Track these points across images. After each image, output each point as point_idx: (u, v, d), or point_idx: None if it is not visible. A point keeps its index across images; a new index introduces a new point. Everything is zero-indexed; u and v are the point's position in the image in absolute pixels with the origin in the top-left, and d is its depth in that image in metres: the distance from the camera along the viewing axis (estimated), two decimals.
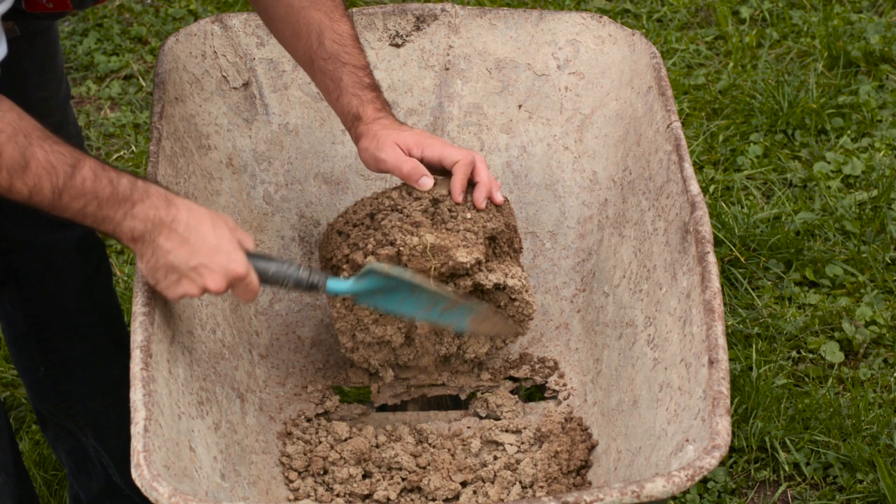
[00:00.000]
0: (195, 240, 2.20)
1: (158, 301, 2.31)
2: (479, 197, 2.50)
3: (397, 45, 2.91)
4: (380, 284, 2.40)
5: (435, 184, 2.50)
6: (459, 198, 2.49)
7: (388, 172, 2.48)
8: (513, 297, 2.56)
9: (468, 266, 2.47)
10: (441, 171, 2.52)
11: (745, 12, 4.67)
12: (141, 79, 4.50)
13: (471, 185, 2.52)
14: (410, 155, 2.47)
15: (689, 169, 2.51)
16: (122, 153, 4.22)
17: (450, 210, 2.49)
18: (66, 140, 2.16)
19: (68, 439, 3.00)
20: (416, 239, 2.45)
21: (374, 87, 2.52)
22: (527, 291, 2.56)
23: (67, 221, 2.75)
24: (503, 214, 2.54)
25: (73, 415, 2.94)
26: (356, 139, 2.51)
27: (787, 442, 3.30)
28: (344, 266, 2.49)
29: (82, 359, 2.89)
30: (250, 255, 2.30)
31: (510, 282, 2.53)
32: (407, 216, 2.48)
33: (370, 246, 2.46)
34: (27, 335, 2.87)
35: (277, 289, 2.45)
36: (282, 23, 2.55)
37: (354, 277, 2.41)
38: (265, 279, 2.32)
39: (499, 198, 2.53)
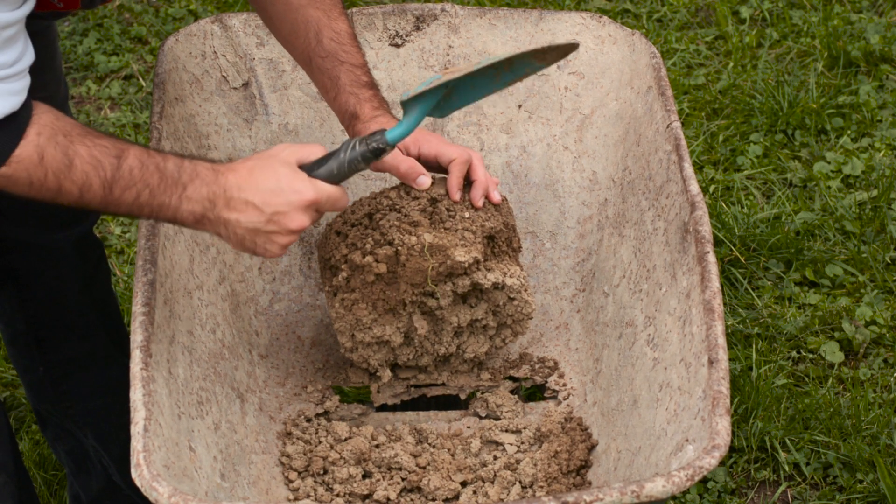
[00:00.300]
0: (253, 194, 2.17)
1: (158, 301, 2.31)
2: (476, 196, 2.50)
3: (397, 45, 2.91)
4: (433, 101, 2.29)
5: (433, 183, 2.50)
6: (456, 195, 2.49)
7: (386, 171, 2.48)
8: (511, 296, 2.56)
9: (466, 265, 2.47)
10: (438, 169, 2.52)
11: (745, 12, 4.67)
12: (141, 79, 4.50)
13: (469, 183, 2.52)
14: (407, 153, 2.47)
15: (688, 169, 2.51)
16: None
17: (448, 209, 2.49)
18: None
19: (68, 439, 3.00)
20: (414, 238, 2.45)
21: (372, 86, 2.52)
22: (526, 291, 2.56)
23: (69, 222, 2.76)
24: (501, 214, 2.54)
25: (72, 415, 2.94)
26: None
27: (787, 442, 3.30)
28: (342, 266, 2.50)
29: (81, 359, 2.89)
30: (311, 171, 2.23)
31: (509, 281, 2.53)
32: (405, 216, 2.48)
33: (368, 245, 2.46)
34: (26, 335, 2.87)
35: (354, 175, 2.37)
36: (280, 21, 2.55)
37: (405, 117, 2.29)
38: (338, 179, 2.25)
39: (496, 197, 2.53)
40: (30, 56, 2.09)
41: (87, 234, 2.82)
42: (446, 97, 2.30)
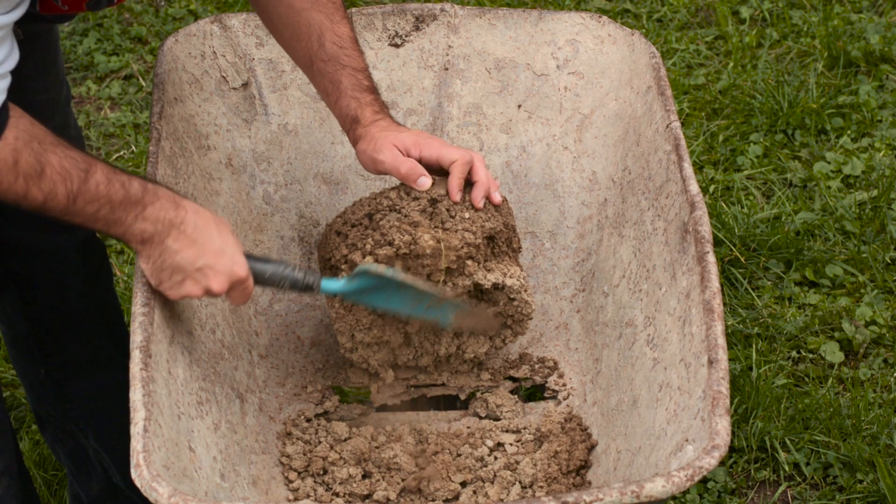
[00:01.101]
0: (203, 241, 2.23)
1: (158, 301, 2.31)
2: (477, 197, 2.50)
3: (397, 46, 2.91)
4: (370, 283, 2.42)
5: (433, 183, 2.50)
6: (457, 197, 2.49)
7: (387, 173, 2.48)
8: (511, 296, 2.56)
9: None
10: (440, 171, 2.52)
11: (745, 12, 4.67)
12: (141, 79, 4.50)
13: (470, 184, 2.52)
14: (408, 155, 2.48)
15: (688, 169, 2.51)
16: (122, 153, 4.22)
17: (448, 210, 2.49)
18: (67, 142, 2.17)
19: (68, 441, 3.00)
20: (410, 238, 2.45)
21: (373, 90, 2.53)
22: (526, 291, 2.56)
23: (71, 225, 2.76)
24: (501, 214, 2.54)
25: (73, 417, 2.94)
26: (354, 141, 2.51)
27: (787, 442, 3.30)
28: (342, 266, 2.49)
29: (83, 361, 2.89)
30: (248, 258, 2.32)
31: (509, 281, 2.53)
32: (405, 216, 2.48)
33: (368, 246, 2.46)
34: (28, 337, 2.86)
35: (274, 290, 2.47)
36: (282, 24, 2.55)
37: (347, 278, 2.43)
38: (261, 281, 2.35)
39: (497, 197, 2.53)
40: (14, 59, 2.11)
41: (89, 238, 2.82)
42: (379, 288, 2.43)
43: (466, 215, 2.49)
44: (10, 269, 2.76)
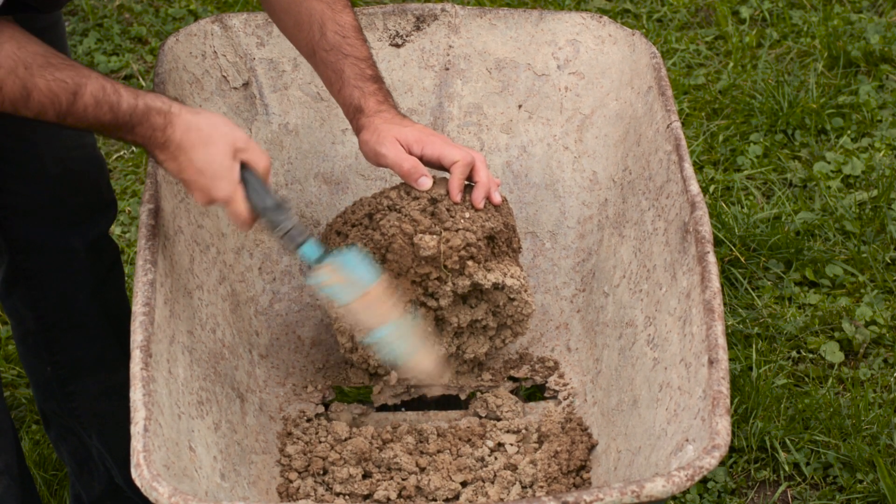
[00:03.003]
0: (183, 160, 2.28)
1: (158, 301, 2.31)
2: (478, 197, 2.50)
3: (397, 45, 2.91)
4: (348, 260, 2.41)
5: (434, 183, 2.50)
6: (457, 197, 2.49)
7: (388, 168, 2.48)
8: (511, 296, 2.56)
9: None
10: (442, 171, 2.52)
11: (745, 12, 4.67)
12: (141, 79, 4.50)
13: (471, 185, 2.52)
14: (410, 152, 2.47)
15: (688, 169, 2.51)
16: (122, 153, 4.22)
17: (448, 209, 2.49)
18: (61, 59, 2.20)
19: (72, 440, 2.99)
20: (411, 239, 2.46)
21: (377, 79, 2.52)
22: (526, 291, 2.56)
23: (83, 223, 2.75)
24: (502, 214, 2.54)
25: (78, 416, 2.94)
26: (357, 131, 2.51)
27: (787, 442, 3.30)
28: None
29: (90, 361, 2.89)
30: (250, 186, 2.33)
31: (509, 281, 2.53)
32: (405, 216, 2.48)
33: (369, 246, 2.47)
34: (36, 334, 2.86)
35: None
36: (284, 13, 2.55)
37: (334, 251, 2.43)
38: (257, 212, 2.35)
39: (497, 198, 2.53)
40: None
41: (101, 237, 2.81)
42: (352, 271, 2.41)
43: (467, 215, 2.49)
44: (20, 267, 2.76)
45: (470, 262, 2.49)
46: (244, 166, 2.33)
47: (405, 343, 2.46)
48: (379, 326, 2.42)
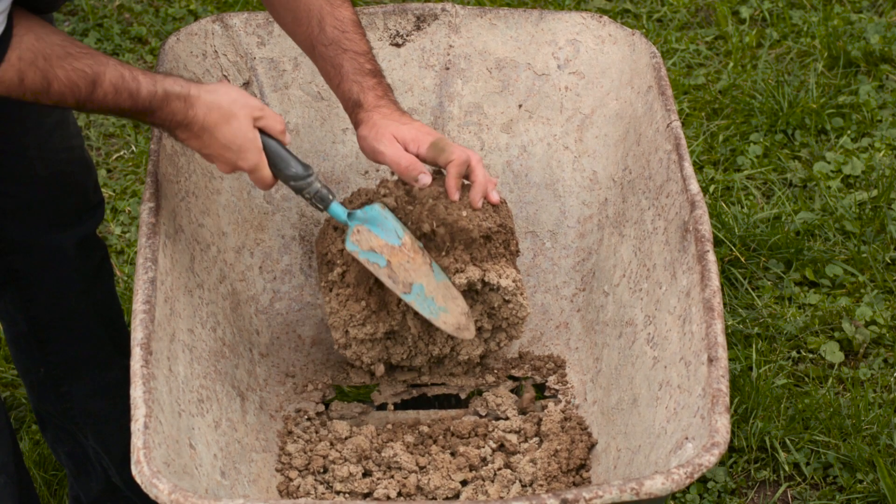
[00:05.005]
0: (206, 138, 2.36)
1: (159, 299, 2.31)
2: (475, 196, 2.50)
3: (398, 45, 2.91)
4: (376, 217, 2.48)
5: (432, 181, 2.50)
6: (455, 196, 2.49)
7: (386, 164, 2.49)
8: (506, 298, 2.56)
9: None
10: (438, 168, 2.53)
11: (745, 12, 4.67)
12: None
13: (468, 184, 2.53)
14: (407, 150, 2.47)
15: (688, 168, 2.51)
16: (122, 153, 4.23)
17: (445, 208, 2.49)
18: (77, 51, 2.24)
19: (68, 441, 2.99)
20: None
21: (376, 73, 2.53)
22: (521, 294, 2.56)
23: (71, 224, 2.75)
24: (500, 215, 2.54)
25: (73, 416, 2.94)
26: (356, 125, 2.52)
27: (787, 442, 3.30)
28: (338, 261, 2.51)
29: (82, 360, 2.89)
30: (274, 153, 2.41)
31: (504, 282, 2.53)
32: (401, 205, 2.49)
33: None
34: (28, 336, 2.86)
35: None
36: (283, 9, 2.56)
37: (359, 210, 2.49)
38: (282, 179, 2.44)
39: (495, 197, 2.53)
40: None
41: (89, 236, 2.82)
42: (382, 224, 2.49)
43: (464, 213, 2.49)
44: (9, 267, 2.76)
45: (468, 258, 2.50)
46: (263, 132, 2.40)
47: (437, 299, 2.50)
48: (414, 283, 2.47)
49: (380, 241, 2.46)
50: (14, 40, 2.15)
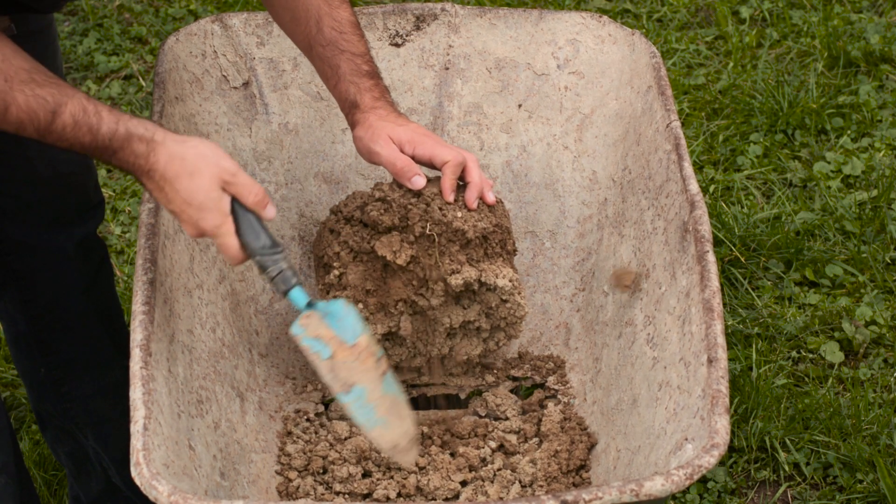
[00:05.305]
0: (168, 190, 2.22)
1: (158, 300, 2.31)
2: (471, 197, 2.50)
3: (397, 45, 2.91)
4: (338, 311, 2.35)
5: (428, 182, 2.50)
6: (450, 197, 2.49)
7: (381, 165, 2.49)
8: (504, 298, 2.55)
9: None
10: (434, 169, 2.53)
11: (745, 12, 4.67)
12: (141, 79, 4.50)
13: (464, 185, 2.53)
14: (402, 151, 2.47)
15: (688, 168, 2.51)
16: None
17: (441, 209, 2.49)
18: (47, 75, 2.16)
19: (68, 441, 3.00)
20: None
21: (373, 75, 2.53)
22: (519, 294, 2.56)
23: (71, 224, 2.75)
24: (496, 216, 2.54)
25: (73, 416, 2.94)
26: (352, 126, 2.52)
27: (787, 442, 3.30)
28: (335, 264, 2.51)
29: (83, 361, 2.89)
30: (243, 222, 2.25)
31: (500, 282, 2.52)
32: (396, 203, 2.49)
33: (359, 234, 2.48)
34: (28, 336, 2.87)
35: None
36: (282, 9, 2.56)
37: (318, 301, 2.36)
38: (247, 250, 2.27)
39: (490, 198, 2.53)
40: None
41: (89, 236, 2.82)
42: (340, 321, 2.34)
43: (459, 214, 2.49)
44: (9, 268, 2.76)
45: (463, 259, 2.50)
46: (236, 199, 2.26)
47: (378, 409, 2.36)
48: (355, 385, 2.33)
49: (330, 333, 2.32)
50: None
